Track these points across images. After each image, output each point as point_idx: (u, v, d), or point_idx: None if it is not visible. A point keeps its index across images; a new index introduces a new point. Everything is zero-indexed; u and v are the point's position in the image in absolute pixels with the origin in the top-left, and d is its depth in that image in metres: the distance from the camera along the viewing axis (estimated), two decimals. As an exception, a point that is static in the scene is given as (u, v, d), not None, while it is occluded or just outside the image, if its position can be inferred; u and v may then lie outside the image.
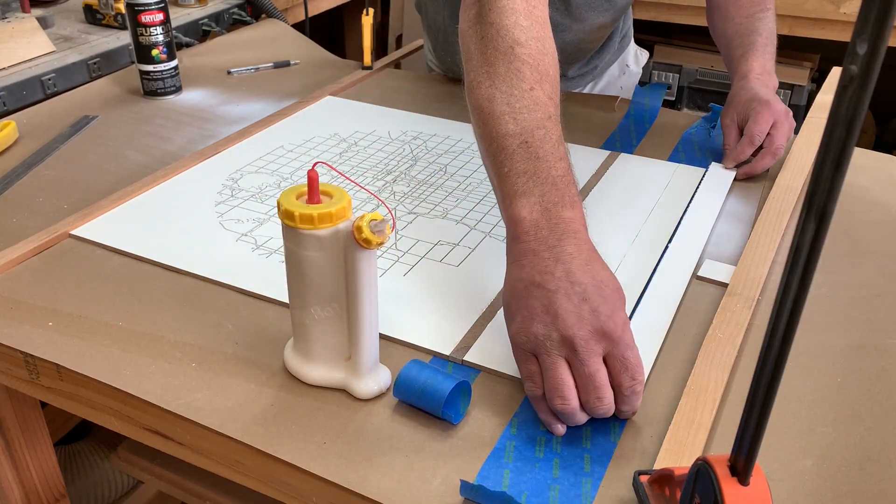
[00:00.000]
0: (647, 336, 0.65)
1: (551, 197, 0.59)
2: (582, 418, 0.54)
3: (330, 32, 2.42)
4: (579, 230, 0.58)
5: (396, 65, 1.33)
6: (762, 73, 0.93)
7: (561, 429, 0.55)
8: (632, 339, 0.55)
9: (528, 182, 0.60)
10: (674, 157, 0.97)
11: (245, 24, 1.52)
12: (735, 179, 0.90)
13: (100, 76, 1.24)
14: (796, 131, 0.98)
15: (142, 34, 1.10)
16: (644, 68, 2.05)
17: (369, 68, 1.24)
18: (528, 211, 0.59)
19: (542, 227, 0.58)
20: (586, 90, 1.23)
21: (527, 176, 0.60)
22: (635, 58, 1.28)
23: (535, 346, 0.54)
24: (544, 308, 0.54)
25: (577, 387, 0.53)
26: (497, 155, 0.62)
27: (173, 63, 1.14)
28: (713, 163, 0.94)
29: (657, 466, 0.51)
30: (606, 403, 0.53)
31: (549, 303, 0.54)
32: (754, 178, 0.92)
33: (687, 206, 0.85)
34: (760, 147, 0.89)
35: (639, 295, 0.70)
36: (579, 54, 1.14)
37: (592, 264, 0.57)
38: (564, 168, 0.61)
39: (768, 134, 0.88)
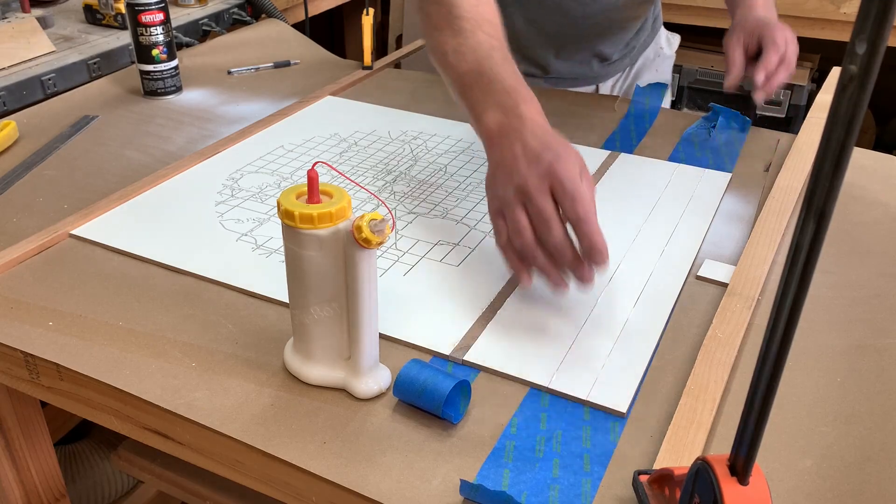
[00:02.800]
0: (643, 335, 0.65)
1: (508, 102, 0.69)
2: (540, 256, 0.63)
3: (330, 32, 2.42)
4: (534, 117, 0.68)
5: (396, 65, 1.33)
6: (765, 5, 0.99)
7: (527, 279, 0.63)
8: (574, 176, 0.62)
9: (487, 100, 0.71)
10: (674, 157, 0.97)
11: (245, 24, 1.52)
12: (756, 111, 0.93)
13: (100, 76, 1.24)
14: (796, 131, 0.99)
15: (142, 34, 1.10)
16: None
17: (369, 68, 1.24)
18: (493, 121, 0.70)
19: (504, 124, 0.69)
20: (625, 73, 1.24)
21: (485, 95, 0.71)
22: (668, 41, 1.29)
23: (500, 205, 0.65)
24: (505, 174, 0.65)
25: (532, 226, 0.63)
26: (462, 91, 0.74)
27: (173, 63, 1.14)
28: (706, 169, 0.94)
29: (657, 466, 0.51)
30: (556, 235, 0.61)
31: (508, 169, 0.65)
32: (752, 177, 0.92)
33: (685, 207, 0.85)
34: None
35: (637, 295, 0.70)
36: (612, 29, 1.15)
37: (544, 133, 0.67)
38: (513, 76, 0.72)
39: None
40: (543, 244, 0.62)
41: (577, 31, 1.12)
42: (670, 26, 2.07)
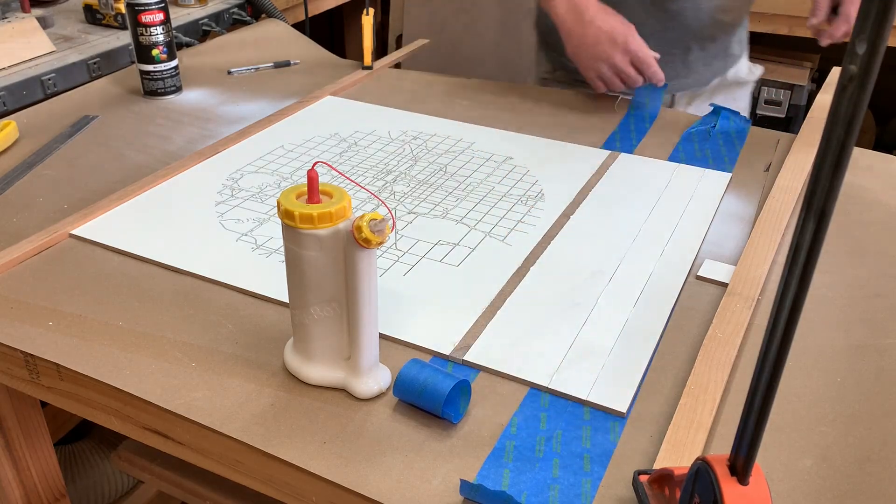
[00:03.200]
0: (643, 335, 0.65)
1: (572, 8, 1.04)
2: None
3: (330, 32, 2.42)
4: (592, 3, 1.02)
5: (396, 65, 1.33)
6: None
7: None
8: (642, 48, 1.00)
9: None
10: (674, 157, 0.97)
11: (245, 24, 1.52)
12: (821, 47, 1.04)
13: (100, 76, 1.24)
14: (796, 131, 0.99)
15: (142, 34, 1.10)
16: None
17: (369, 68, 1.24)
18: (562, 8, 1.03)
19: (571, 12, 1.03)
20: (711, 85, 1.23)
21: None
22: (749, 70, 1.27)
23: (597, 74, 1.04)
24: (592, 54, 1.02)
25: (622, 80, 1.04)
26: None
27: (173, 63, 1.14)
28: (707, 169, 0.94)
29: (657, 466, 0.51)
30: (638, 82, 1.03)
31: (593, 50, 1.02)
32: (752, 177, 0.92)
33: (685, 207, 0.85)
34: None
35: (637, 295, 0.70)
36: (711, 28, 1.15)
37: (605, 15, 1.01)
38: None
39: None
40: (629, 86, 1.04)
41: (674, 31, 1.14)
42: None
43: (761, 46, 2.06)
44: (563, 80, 1.25)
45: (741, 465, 0.39)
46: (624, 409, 0.57)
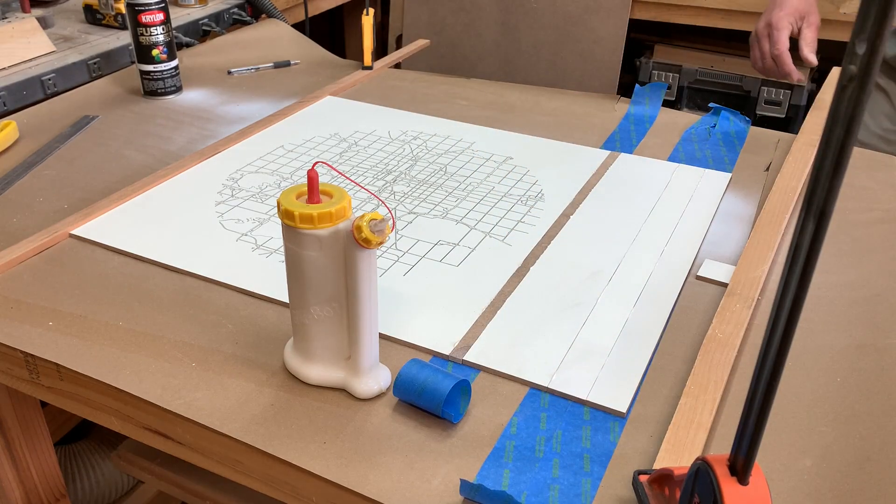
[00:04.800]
0: (643, 335, 0.65)
1: None
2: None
3: (330, 32, 2.42)
4: None
5: (396, 65, 1.33)
6: None
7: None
8: (779, 35, 1.15)
9: None
10: (674, 157, 0.97)
11: (245, 24, 1.52)
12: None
13: (100, 76, 1.24)
14: (796, 131, 0.99)
15: (142, 34, 1.10)
16: (643, 68, 2.03)
17: (369, 68, 1.24)
18: None
19: None
20: None
21: None
22: None
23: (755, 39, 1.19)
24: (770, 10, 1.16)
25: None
26: None
27: (173, 63, 1.14)
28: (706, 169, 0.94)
29: (657, 466, 0.51)
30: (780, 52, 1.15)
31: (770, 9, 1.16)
32: (752, 177, 0.92)
33: (685, 207, 0.85)
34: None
35: (637, 295, 0.70)
36: None
37: None
38: None
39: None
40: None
41: None
42: (669, 26, 2.06)
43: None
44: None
45: (741, 465, 0.38)
46: (624, 409, 0.57)
